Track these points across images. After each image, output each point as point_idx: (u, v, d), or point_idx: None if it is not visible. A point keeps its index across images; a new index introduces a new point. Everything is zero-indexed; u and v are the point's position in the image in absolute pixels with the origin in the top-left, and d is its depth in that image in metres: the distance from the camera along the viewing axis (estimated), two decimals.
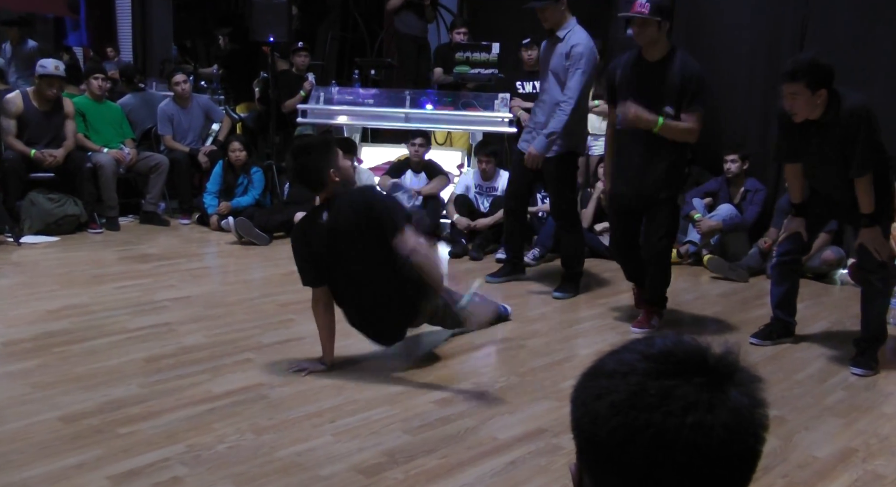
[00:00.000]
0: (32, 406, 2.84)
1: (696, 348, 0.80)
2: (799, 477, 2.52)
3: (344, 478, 2.41)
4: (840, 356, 3.71)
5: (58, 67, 5.92)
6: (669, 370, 0.77)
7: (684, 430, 0.74)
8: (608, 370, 0.80)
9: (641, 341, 0.84)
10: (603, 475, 0.80)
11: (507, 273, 4.97)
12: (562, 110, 4.40)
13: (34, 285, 4.51)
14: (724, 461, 0.76)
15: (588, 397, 0.80)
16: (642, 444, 0.75)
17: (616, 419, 0.76)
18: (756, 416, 0.78)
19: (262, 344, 3.62)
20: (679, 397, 0.75)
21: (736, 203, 5.60)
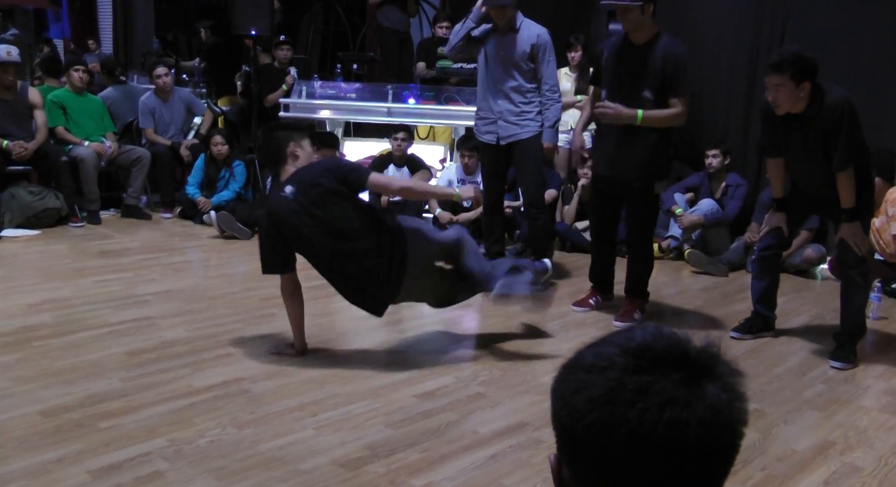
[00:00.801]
0: (12, 401, 2.82)
1: (676, 341, 0.80)
2: (777, 470, 2.54)
3: (325, 472, 2.42)
4: (820, 350, 3.75)
5: (10, 52, 5.83)
6: (648, 365, 0.77)
7: (660, 426, 0.74)
8: (587, 364, 0.80)
9: (621, 333, 0.83)
10: (581, 467, 0.80)
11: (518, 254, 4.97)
12: (553, 99, 4.53)
13: (14, 278, 4.47)
14: (700, 456, 0.76)
15: (566, 391, 0.80)
16: (619, 440, 0.75)
17: (593, 414, 0.76)
18: (734, 411, 0.78)
19: (243, 338, 3.61)
20: (656, 393, 0.75)
21: (717, 198, 5.64)
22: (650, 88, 3.79)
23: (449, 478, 2.42)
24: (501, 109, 4.58)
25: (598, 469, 0.78)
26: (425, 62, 6.99)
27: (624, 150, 3.91)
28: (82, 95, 6.44)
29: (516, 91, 4.54)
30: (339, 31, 9.55)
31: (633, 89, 3.81)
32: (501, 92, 4.58)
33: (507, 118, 4.57)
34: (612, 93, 3.93)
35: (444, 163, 6.65)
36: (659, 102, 3.81)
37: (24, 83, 6.07)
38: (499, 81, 4.59)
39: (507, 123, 4.57)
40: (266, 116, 7.07)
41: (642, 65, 3.80)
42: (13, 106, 5.90)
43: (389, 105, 6.55)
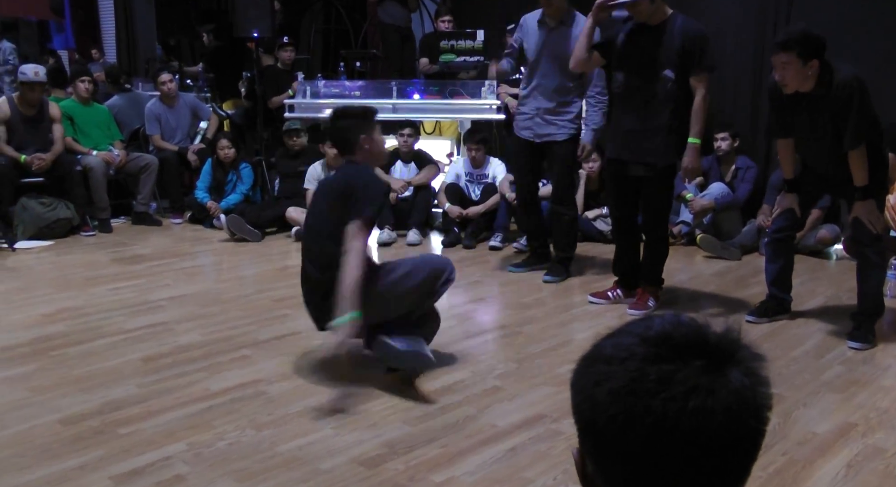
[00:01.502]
0: (32, 410, 2.83)
1: (696, 328, 0.79)
2: (799, 454, 2.52)
3: (345, 471, 2.42)
4: (837, 331, 3.72)
5: (37, 72, 5.88)
6: (668, 353, 0.76)
7: (685, 416, 0.73)
8: (606, 355, 0.79)
9: (639, 323, 0.82)
10: (605, 460, 0.79)
11: (534, 263, 4.92)
12: (599, 101, 4.51)
13: (29, 289, 4.49)
14: (727, 444, 0.75)
15: (587, 383, 0.79)
16: (643, 431, 0.74)
17: (615, 406, 0.75)
18: (759, 396, 0.77)
19: (258, 340, 3.62)
20: (679, 382, 0.74)
21: (727, 181, 5.61)
22: (670, 66, 3.77)
23: (469, 473, 2.41)
24: (540, 106, 4.53)
25: (623, 462, 0.77)
26: (428, 58, 6.98)
27: (644, 133, 3.87)
28: (88, 104, 6.47)
29: (557, 89, 4.49)
30: (340, 29, 9.55)
31: (652, 70, 3.78)
32: (543, 88, 4.52)
33: (543, 116, 4.54)
34: (628, 75, 3.88)
35: (452, 157, 6.65)
36: (680, 80, 3.78)
37: (44, 98, 6.11)
38: (542, 77, 4.52)
39: (544, 122, 4.54)
40: (271, 118, 7.08)
41: (660, 45, 3.78)
42: (34, 121, 5.95)
43: (394, 101, 6.54)
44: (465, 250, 5.56)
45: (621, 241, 4.26)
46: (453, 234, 5.74)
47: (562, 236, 4.79)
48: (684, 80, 3.79)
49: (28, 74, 5.83)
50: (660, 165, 3.88)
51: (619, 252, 4.28)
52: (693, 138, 3.82)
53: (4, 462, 2.46)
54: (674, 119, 3.83)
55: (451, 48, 6.61)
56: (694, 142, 3.82)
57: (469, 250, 5.55)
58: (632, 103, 3.89)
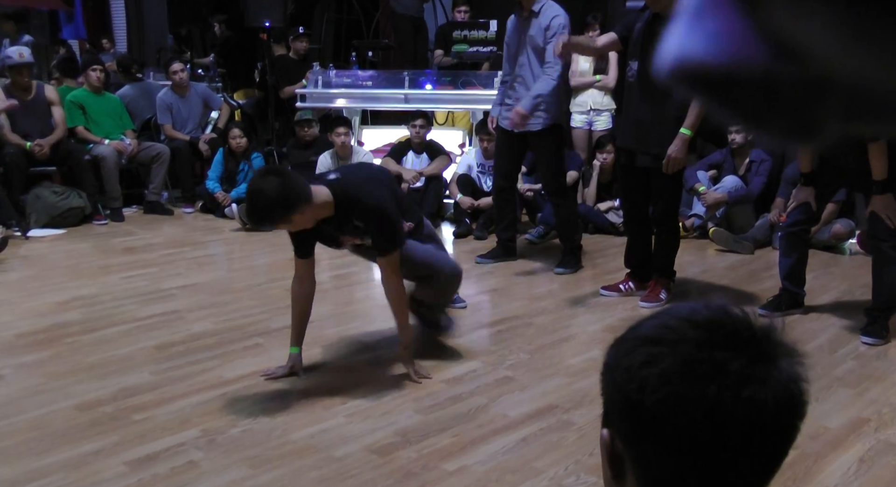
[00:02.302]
0: (48, 396, 2.86)
1: (743, 318, 0.79)
2: (811, 448, 2.52)
3: (358, 459, 2.43)
4: (850, 326, 3.71)
5: (22, 54, 5.91)
6: (720, 340, 0.76)
7: (738, 404, 0.73)
8: (653, 337, 0.78)
9: (683, 307, 0.82)
10: (642, 442, 0.79)
11: (499, 256, 4.92)
12: (548, 75, 4.42)
13: (43, 277, 4.52)
14: (769, 435, 0.76)
15: (633, 364, 0.78)
16: (694, 416, 0.74)
17: (666, 388, 0.75)
18: (802, 391, 0.78)
19: (270, 329, 3.63)
20: (734, 370, 0.74)
21: (741, 175, 5.58)
22: None
23: (480, 462, 2.42)
24: (519, 96, 4.55)
25: (664, 444, 0.77)
26: (443, 49, 6.96)
27: (655, 123, 3.87)
28: (100, 94, 6.48)
29: (533, 77, 4.50)
30: (352, 19, 9.54)
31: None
32: (520, 77, 4.55)
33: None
34: (642, 65, 3.89)
35: (464, 148, 6.63)
36: None
37: (39, 83, 6.16)
38: (517, 67, 4.57)
39: None
40: (283, 108, 7.09)
41: None
42: (31, 106, 5.97)
43: (406, 92, 6.53)
44: (476, 240, 5.56)
45: (633, 232, 4.26)
46: (464, 225, 5.74)
47: (564, 226, 4.79)
48: None
49: (13, 57, 5.85)
50: (660, 155, 3.88)
51: (631, 244, 4.28)
52: (685, 129, 3.80)
53: (22, 446, 2.48)
54: (682, 111, 3.83)
55: (463, 38, 6.60)
56: (685, 132, 3.81)
57: (480, 240, 5.55)
58: (643, 93, 3.90)
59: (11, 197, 5.67)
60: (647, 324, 0.82)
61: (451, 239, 5.66)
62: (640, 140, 3.94)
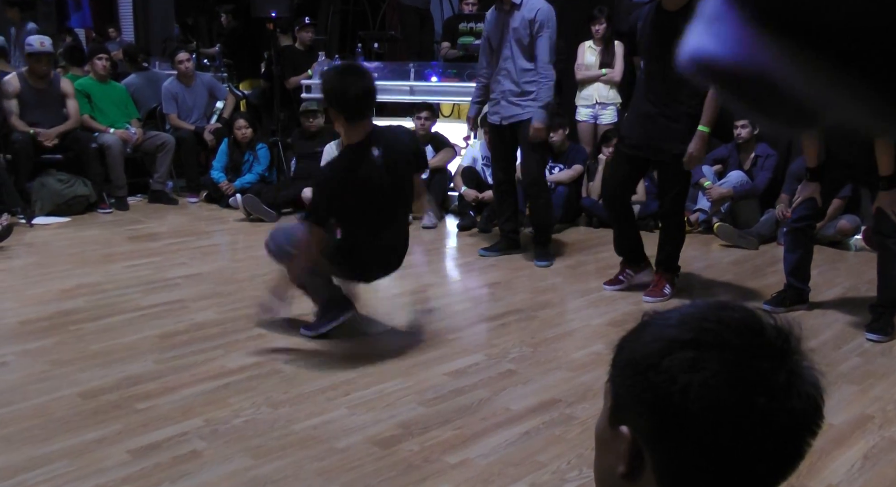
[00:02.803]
0: (52, 383, 2.87)
1: (774, 325, 0.80)
2: (815, 445, 2.45)
3: (360, 450, 2.43)
4: (855, 322, 3.70)
5: (43, 43, 5.91)
6: (762, 349, 0.77)
7: (783, 415, 0.75)
8: (693, 340, 0.78)
9: (707, 306, 0.82)
10: (672, 443, 0.79)
11: (503, 248, 4.91)
12: (545, 77, 4.46)
13: (47, 265, 4.53)
14: (800, 441, 0.78)
15: (673, 365, 0.77)
16: (740, 425, 0.75)
17: (712, 396, 0.75)
18: (822, 396, 0.80)
19: (273, 320, 3.60)
20: (780, 382, 0.76)
21: (746, 169, 5.56)
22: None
23: (483, 455, 2.42)
24: (504, 89, 4.56)
25: (698, 448, 0.77)
26: (450, 42, 6.93)
27: (663, 119, 3.88)
28: (106, 82, 6.48)
29: (517, 70, 4.50)
30: (358, 10, 9.51)
31: (670, 56, 3.77)
32: (504, 71, 4.55)
33: (508, 98, 4.56)
34: (649, 62, 3.93)
35: (468, 140, 6.61)
36: None
37: (56, 73, 6.16)
38: (501, 60, 4.56)
39: (509, 104, 4.56)
40: (288, 99, 7.08)
41: (676, 31, 3.75)
42: (45, 95, 5.98)
43: (412, 83, 6.52)
44: (480, 233, 5.55)
45: (616, 220, 4.28)
46: (469, 217, 5.73)
47: (539, 217, 4.79)
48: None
49: (34, 46, 5.85)
50: (674, 152, 3.87)
51: (617, 232, 4.30)
52: (703, 126, 3.81)
53: (26, 433, 2.49)
54: (691, 107, 3.82)
55: (470, 31, 6.57)
56: (703, 130, 3.81)
57: (484, 233, 5.54)
58: (651, 89, 3.91)
59: (17, 184, 5.68)
60: (671, 321, 0.81)
61: (456, 231, 5.66)
62: (648, 135, 3.94)
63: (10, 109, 5.83)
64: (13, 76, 5.94)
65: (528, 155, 4.70)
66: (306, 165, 6.25)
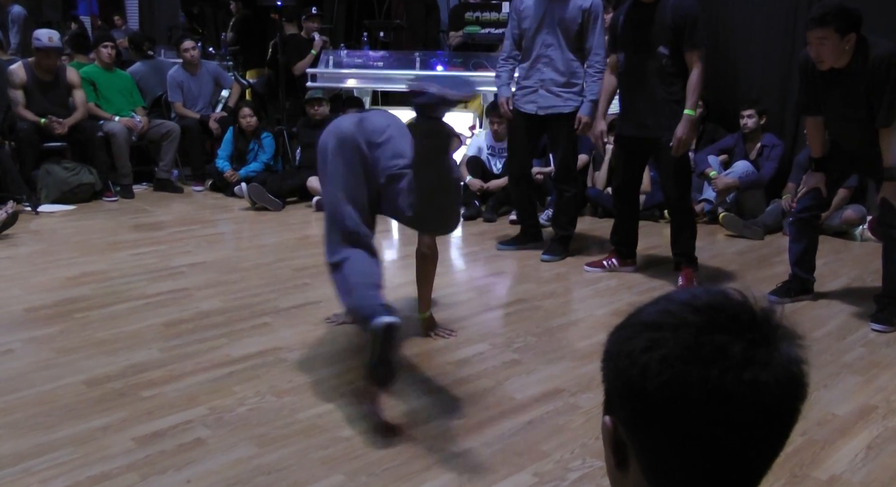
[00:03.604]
0: (57, 371, 2.88)
1: (743, 302, 0.78)
2: (818, 435, 2.51)
3: (364, 439, 2.43)
4: (860, 313, 3.69)
5: (51, 37, 5.89)
6: (722, 324, 0.76)
7: (741, 387, 0.73)
8: (654, 322, 0.78)
9: (682, 292, 0.81)
10: (645, 428, 0.78)
11: (524, 242, 4.86)
12: (599, 72, 4.35)
13: (53, 252, 4.54)
14: (772, 417, 0.76)
15: (635, 349, 0.78)
16: (695, 400, 0.74)
17: (668, 372, 0.75)
18: (802, 373, 0.77)
19: (278, 308, 3.64)
20: (735, 353, 0.74)
21: (752, 159, 5.53)
22: (663, 43, 3.84)
23: (487, 444, 2.42)
24: (545, 78, 4.44)
25: (666, 430, 0.76)
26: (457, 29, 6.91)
27: (647, 108, 3.93)
28: (111, 70, 6.48)
29: (564, 60, 4.40)
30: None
31: (648, 47, 3.88)
32: (546, 59, 4.43)
33: (549, 88, 4.44)
34: (628, 54, 3.98)
35: (474, 130, 6.61)
36: (674, 56, 3.84)
37: (61, 64, 6.15)
38: (545, 47, 4.43)
39: (549, 94, 4.45)
40: (293, 88, 7.07)
41: (652, 22, 3.86)
42: (52, 87, 5.98)
43: (417, 73, 6.50)
44: (485, 223, 5.55)
45: (620, 211, 4.32)
46: (474, 207, 5.72)
47: (562, 213, 4.72)
48: (679, 56, 3.84)
49: (43, 41, 5.84)
50: (664, 140, 3.90)
51: (619, 222, 4.34)
52: (688, 110, 3.83)
53: (31, 419, 2.50)
54: (672, 95, 3.88)
55: (475, 20, 6.55)
56: (688, 113, 3.83)
57: (489, 223, 5.54)
58: (631, 81, 3.98)
59: (23, 172, 5.70)
60: (647, 310, 0.81)
61: (462, 221, 5.66)
62: (637, 126, 4.00)
63: (17, 99, 5.83)
64: (19, 66, 5.93)
65: (560, 151, 4.63)
66: (311, 154, 6.22)
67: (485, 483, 2.21)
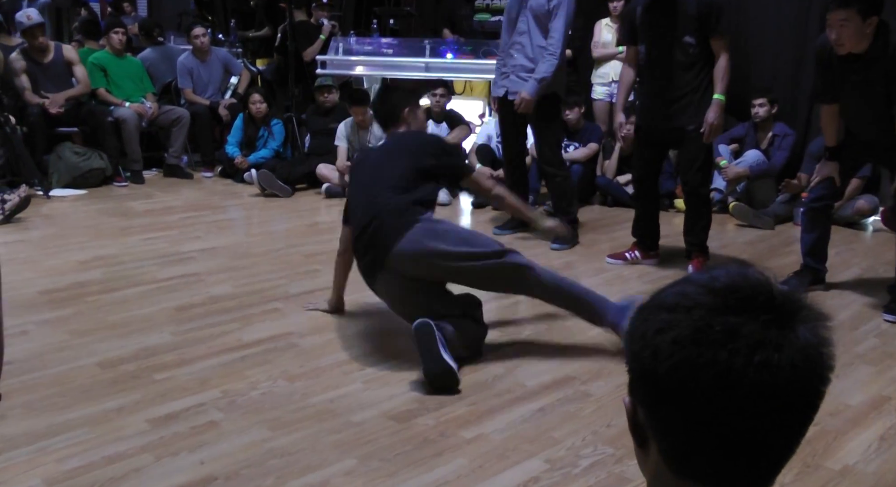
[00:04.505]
0: (71, 352, 2.90)
1: (763, 282, 0.77)
2: (831, 425, 2.51)
3: (376, 424, 2.44)
4: (873, 303, 3.68)
5: (29, 16, 5.91)
6: (735, 305, 0.74)
7: (750, 369, 0.71)
8: (670, 304, 0.77)
9: (702, 273, 0.80)
10: (660, 410, 0.78)
11: (515, 226, 4.88)
12: (552, 54, 4.39)
13: (64, 236, 4.56)
14: (788, 401, 0.74)
15: (648, 330, 0.77)
16: (705, 382, 0.72)
17: (678, 354, 0.74)
18: (823, 356, 0.75)
19: (289, 294, 3.64)
20: (746, 334, 0.72)
21: (763, 149, 5.51)
22: (689, 33, 3.81)
23: (498, 430, 2.43)
24: (516, 63, 4.52)
25: (680, 411, 0.75)
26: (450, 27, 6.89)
27: (673, 98, 3.90)
28: (122, 57, 6.47)
29: (533, 47, 4.46)
30: None
31: (673, 38, 3.83)
32: (518, 45, 4.51)
33: (518, 73, 4.51)
34: (650, 46, 3.94)
35: (483, 118, 6.59)
36: (701, 45, 3.81)
37: (57, 43, 6.17)
38: (517, 35, 4.52)
39: (518, 78, 4.50)
40: (303, 75, 7.05)
41: (675, 13, 3.83)
42: (52, 67, 5.99)
43: (427, 60, 6.48)
44: (494, 211, 5.54)
45: (642, 203, 4.31)
46: None
47: (560, 198, 4.73)
48: (706, 44, 3.83)
49: (24, 22, 5.86)
50: (688, 128, 3.90)
51: (640, 214, 4.32)
52: (718, 95, 3.83)
53: (46, 400, 2.52)
54: (700, 83, 3.86)
55: (486, 7, 6.52)
56: (718, 98, 3.83)
57: (498, 211, 5.52)
58: (655, 73, 3.95)
59: (34, 157, 5.71)
60: (667, 291, 0.80)
61: (471, 209, 5.66)
62: (661, 117, 3.97)
63: (23, 85, 5.86)
64: (17, 54, 5.96)
65: (538, 134, 4.66)
66: (321, 141, 6.24)
67: (496, 469, 2.21)
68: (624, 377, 0.82)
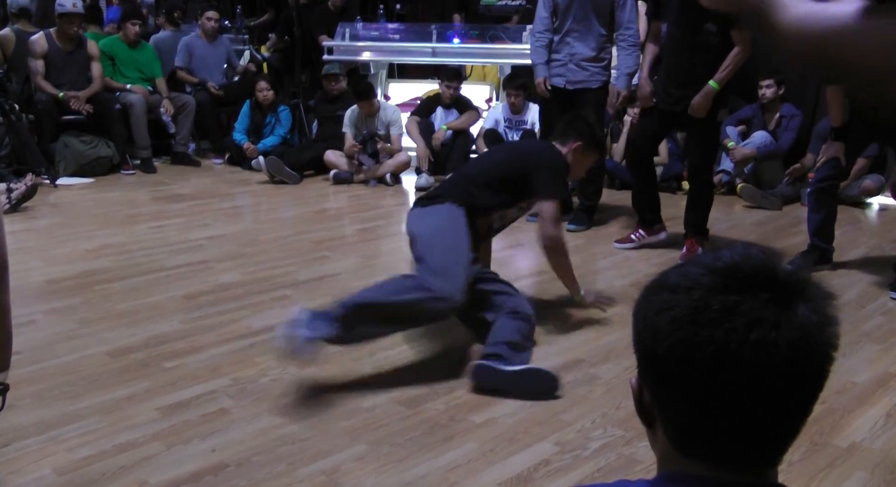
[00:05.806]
0: (80, 341, 2.92)
1: (765, 262, 0.77)
2: (838, 403, 2.51)
3: (386, 409, 2.45)
4: (879, 282, 3.67)
5: (76, 3, 5.88)
6: (735, 284, 0.74)
7: (746, 347, 0.71)
8: (671, 284, 0.78)
9: (708, 254, 0.80)
10: (663, 390, 0.79)
11: None
12: (633, 45, 4.42)
13: (72, 225, 4.58)
14: (789, 379, 0.73)
15: (649, 311, 0.78)
16: (702, 361, 0.73)
17: (676, 334, 0.74)
18: (825, 334, 0.75)
19: (297, 281, 3.65)
20: (743, 313, 0.72)
21: (771, 130, 5.48)
22: (711, 20, 3.77)
23: (508, 414, 2.44)
24: (574, 52, 4.47)
25: (681, 392, 0.76)
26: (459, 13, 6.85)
27: (690, 83, 3.88)
28: (135, 47, 6.45)
29: (594, 36, 4.42)
30: None
31: (694, 23, 3.79)
32: (576, 32, 4.45)
33: (577, 62, 4.47)
34: (672, 27, 3.95)
35: (491, 103, 6.57)
36: (722, 32, 3.78)
37: (83, 35, 6.15)
38: (576, 22, 4.45)
39: (578, 68, 4.47)
40: (309, 61, 7.03)
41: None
42: (73, 57, 5.99)
43: (434, 45, 6.45)
44: None
45: (639, 177, 4.30)
46: None
47: (588, 183, 4.73)
48: (726, 35, 3.79)
49: (66, 6, 5.84)
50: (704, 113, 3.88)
51: (637, 189, 4.32)
52: (712, 82, 3.81)
53: (56, 389, 2.54)
54: (713, 71, 3.83)
55: None
56: (711, 85, 3.82)
57: None
58: (674, 54, 3.94)
59: (41, 145, 5.73)
60: (671, 272, 0.81)
61: None
62: (675, 99, 3.96)
63: (37, 70, 5.85)
64: (41, 36, 5.93)
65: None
66: (328, 127, 6.24)
67: (506, 452, 2.22)
68: (632, 358, 0.82)
